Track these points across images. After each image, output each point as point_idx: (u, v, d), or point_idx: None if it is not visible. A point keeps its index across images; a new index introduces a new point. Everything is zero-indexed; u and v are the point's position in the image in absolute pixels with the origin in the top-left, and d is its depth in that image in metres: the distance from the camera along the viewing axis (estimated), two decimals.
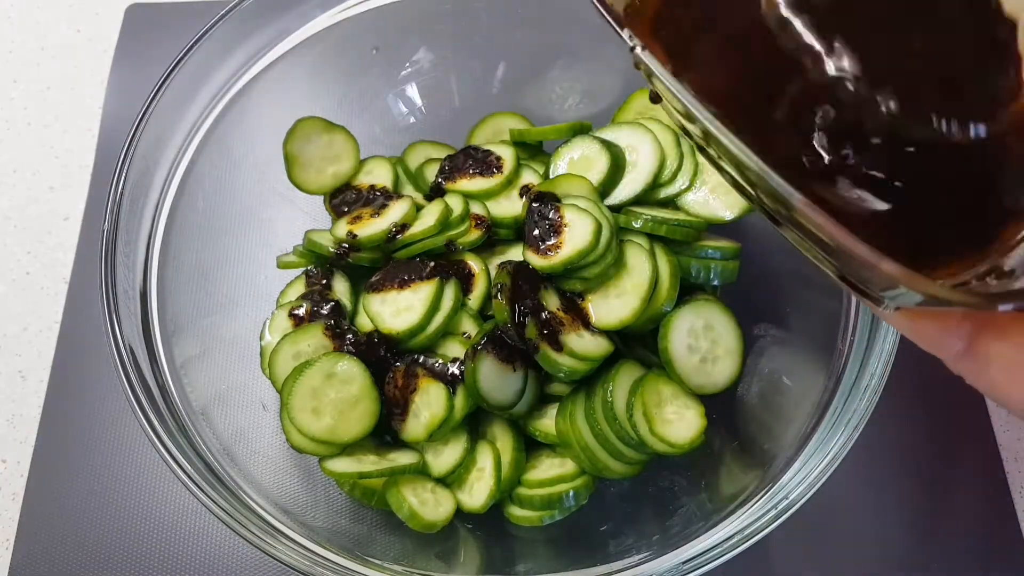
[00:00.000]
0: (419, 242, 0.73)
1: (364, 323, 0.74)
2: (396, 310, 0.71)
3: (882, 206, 0.35)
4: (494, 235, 0.77)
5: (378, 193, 0.80)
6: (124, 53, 1.04)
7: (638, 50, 0.37)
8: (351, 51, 0.82)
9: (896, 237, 0.35)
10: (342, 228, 0.75)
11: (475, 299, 0.74)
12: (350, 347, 0.71)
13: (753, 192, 0.39)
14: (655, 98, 0.42)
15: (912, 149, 0.35)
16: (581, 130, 0.78)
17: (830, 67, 0.35)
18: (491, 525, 0.70)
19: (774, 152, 0.33)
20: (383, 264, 0.76)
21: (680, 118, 0.40)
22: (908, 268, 0.29)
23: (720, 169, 0.42)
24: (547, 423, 0.71)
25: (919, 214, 0.36)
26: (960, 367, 0.39)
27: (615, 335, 0.71)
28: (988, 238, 0.35)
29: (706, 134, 0.36)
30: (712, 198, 0.73)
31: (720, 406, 0.70)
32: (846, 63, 0.35)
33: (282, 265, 0.79)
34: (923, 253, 0.35)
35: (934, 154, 0.35)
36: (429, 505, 0.67)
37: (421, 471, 0.69)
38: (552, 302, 0.69)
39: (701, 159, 0.74)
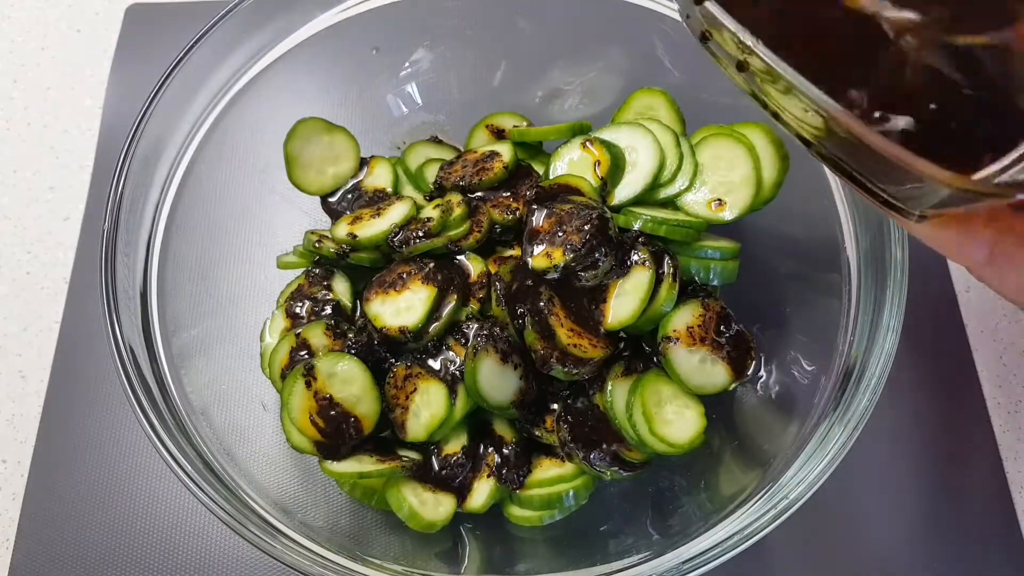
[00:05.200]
0: (420, 242, 0.73)
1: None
2: (396, 310, 0.71)
3: (910, 125, 0.38)
4: (494, 235, 0.77)
5: (368, 196, 0.80)
6: (124, 53, 1.04)
7: None
8: (351, 51, 0.82)
9: (924, 151, 0.38)
10: (342, 228, 0.75)
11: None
12: (350, 347, 0.71)
13: (799, 120, 0.42)
14: (705, 37, 0.44)
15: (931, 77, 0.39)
16: (581, 130, 0.78)
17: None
18: (491, 525, 0.70)
19: (823, 82, 0.38)
20: (383, 264, 0.76)
21: (737, 53, 0.42)
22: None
23: (764, 104, 0.44)
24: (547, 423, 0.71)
25: (936, 133, 0.39)
26: (982, 273, 0.43)
27: (615, 335, 0.71)
28: (985, 159, 0.38)
29: (767, 71, 0.39)
30: (712, 198, 0.73)
31: (720, 406, 0.70)
32: None
33: (282, 265, 0.79)
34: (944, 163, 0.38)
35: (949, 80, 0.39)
36: (429, 505, 0.67)
37: None
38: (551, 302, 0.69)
39: (701, 159, 0.74)
